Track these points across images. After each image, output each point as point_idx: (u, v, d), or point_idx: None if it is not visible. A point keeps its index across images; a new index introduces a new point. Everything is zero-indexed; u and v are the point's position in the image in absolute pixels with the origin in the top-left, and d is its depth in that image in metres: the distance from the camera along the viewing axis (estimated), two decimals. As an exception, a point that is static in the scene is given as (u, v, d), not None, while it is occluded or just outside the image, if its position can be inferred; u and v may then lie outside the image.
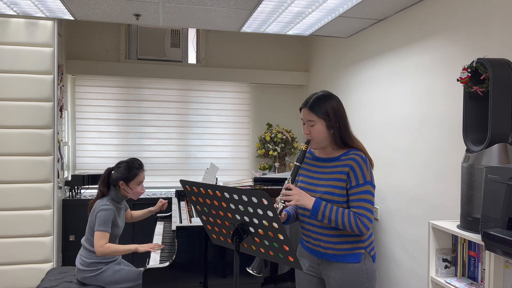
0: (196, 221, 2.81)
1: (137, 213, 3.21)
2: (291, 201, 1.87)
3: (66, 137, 4.39)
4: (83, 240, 2.78)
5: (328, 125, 1.92)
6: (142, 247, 2.71)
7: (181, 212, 3.37)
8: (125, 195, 2.84)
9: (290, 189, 1.90)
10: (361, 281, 1.92)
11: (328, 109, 1.92)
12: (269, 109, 5.14)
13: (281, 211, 1.91)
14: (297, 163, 1.95)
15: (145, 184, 4.86)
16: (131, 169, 2.83)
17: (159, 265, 2.66)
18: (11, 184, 3.60)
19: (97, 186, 4.27)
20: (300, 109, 2.01)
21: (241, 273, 2.73)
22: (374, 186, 1.92)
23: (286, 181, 1.95)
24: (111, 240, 2.73)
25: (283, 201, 1.89)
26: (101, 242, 2.62)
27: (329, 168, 1.97)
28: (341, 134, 1.94)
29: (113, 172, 2.85)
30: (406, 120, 3.06)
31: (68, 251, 4.11)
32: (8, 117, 3.58)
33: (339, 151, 1.98)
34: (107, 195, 2.80)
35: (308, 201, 1.88)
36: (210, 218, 1.83)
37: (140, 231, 3.87)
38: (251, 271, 1.82)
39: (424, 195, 2.83)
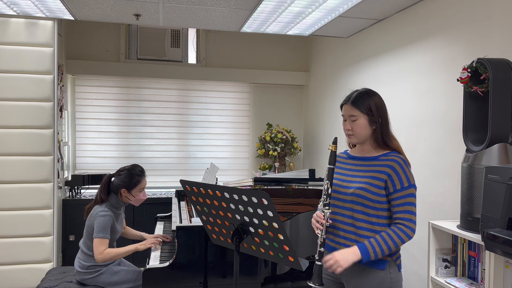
0: (196, 221, 2.81)
1: (129, 230, 3.12)
2: (337, 269, 1.77)
3: (66, 137, 4.39)
4: (81, 244, 2.77)
5: (370, 120, 1.89)
6: (141, 246, 2.72)
7: (181, 212, 3.36)
8: (127, 202, 2.82)
9: (328, 259, 1.81)
10: None
11: (371, 104, 1.89)
12: (269, 109, 5.15)
13: (322, 244, 1.85)
14: (331, 166, 1.87)
15: (145, 184, 4.87)
16: (133, 176, 2.79)
17: (159, 265, 2.66)
18: (11, 184, 3.60)
19: (97, 186, 4.30)
20: (341, 106, 1.97)
21: (241, 273, 2.73)
22: (416, 188, 1.87)
23: (324, 186, 1.87)
24: (109, 244, 2.72)
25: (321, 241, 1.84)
26: (101, 248, 2.62)
27: (367, 166, 1.92)
28: (383, 131, 1.91)
29: (113, 179, 2.80)
30: (406, 120, 3.06)
31: (68, 251, 4.12)
32: (8, 117, 3.58)
33: (378, 150, 1.94)
34: (106, 201, 2.76)
35: (353, 255, 1.78)
36: (210, 218, 1.83)
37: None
38: (312, 285, 1.78)
39: (424, 195, 2.83)
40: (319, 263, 1.80)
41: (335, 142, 1.89)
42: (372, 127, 1.90)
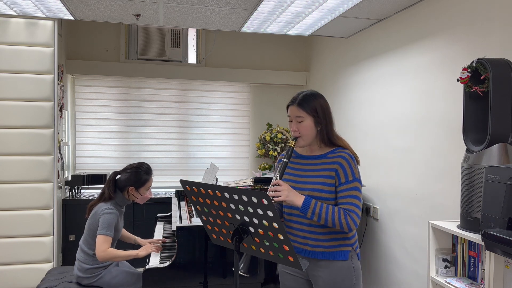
0: (196, 221, 2.81)
1: (124, 233, 3.09)
2: (280, 196, 1.86)
3: (66, 137, 4.39)
4: (81, 242, 2.74)
5: (316, 122, 1.95)
6: (142, 252, 2.71)
7: (181, 212, 3.37)
8: (133, 199, 2.81)
9: (278, 185, 1.89)
10: (349, 278, 1.94)
11: (316, 106, 1.96)
12: (269, 109, 5.14)
13: None
14: (285, 160, 1.95)
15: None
16: (141, 174, 2.77)
17: (159, 265, 2.66)
18: (11, 184, 3.60)
19: (97, 186, 4.31)
20: (287, 107, 2.03)
21: (241, 273, 2.74)
22: (361, 183, 1.95)
23: (273, 178, 1.94)
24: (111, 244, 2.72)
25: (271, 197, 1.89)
26: (104, 246, 2.60)
27: (316, 165, 1.99)
28: (327, 131, 1.98)
29: (120, 176, 2.79)
30: (406, 120, 3.06)
31: (68, 251, 4.12)
32: (8, 117, 3.58)
33: (325, 149, 2.01)
34: (112, 199, 2.73)
35: (297, 198, 1.88)
36: (210, 218, 1.83)
37: (140, 232, 3.89)
38: (242, 273, 1.81)
39: (424, 195, 2.83)
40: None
41: (295, 139, 1.98)
42: (317, 128, 1.97)
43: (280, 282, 2.14)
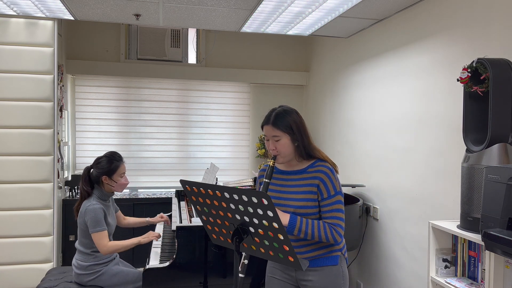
0: (196, 221, 2.81)
1: (133, 220, 3.16)
2: None
3: (66, 137, 4.39)
4: (77, 244, 2.77)
5: (292, 139, 1.97)
6: (144, 239, 2.77)
7: (181, 212, 3.37)
8: (110, 190, 2.82)
9: None
10: (338, 283, 1.96)
11: (291, 122, 1.97)
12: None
13: None
14: (267, 180, 1.95)
15: (145, 184, 4.89)
16: (112, 162, 2.81)
17: (159, 265, 2.66)
18: (11, 184, 3.60)
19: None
20: (262, 126, 2.04)
21: (241, 273, 2.73)
22: (343, 195, 1.98)
23: None
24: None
25: None
26: (103, 242, 2.63)
27: (297, 180, 2.00)
28: (305, 146, 1.99)
29: (92, 169, 2.82)
30: (406, 120, 3.06)
31: (68, 251, 4.12)
32: (8, 117, 3.58)
33: (304, 163, 2.02)
34: (92, 195, 2.77)
35: (283, 218, 1.89)
36: (210, 218, 1.83)
37: (140, 232, 3.89)
38: None
39: (424, 195, 2.83)
40: (242, 275, 1.84)
41: (274, 158, 1.99)
42: (294, 144, 1.98)
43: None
